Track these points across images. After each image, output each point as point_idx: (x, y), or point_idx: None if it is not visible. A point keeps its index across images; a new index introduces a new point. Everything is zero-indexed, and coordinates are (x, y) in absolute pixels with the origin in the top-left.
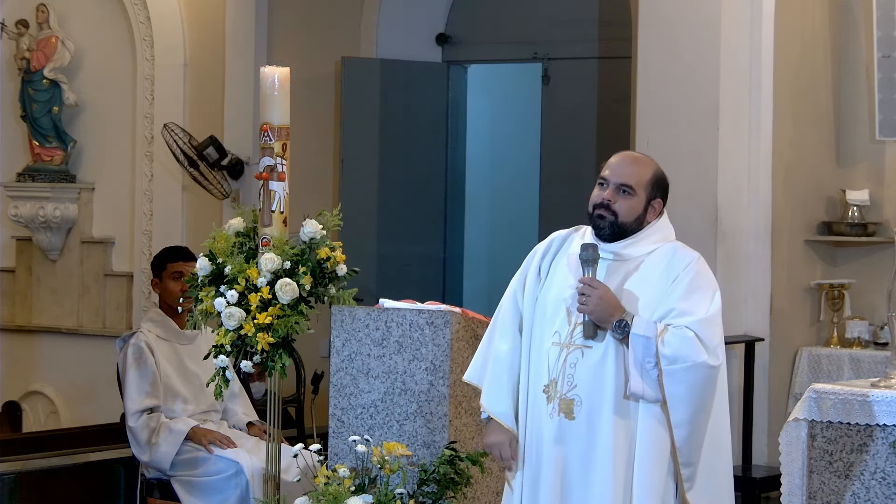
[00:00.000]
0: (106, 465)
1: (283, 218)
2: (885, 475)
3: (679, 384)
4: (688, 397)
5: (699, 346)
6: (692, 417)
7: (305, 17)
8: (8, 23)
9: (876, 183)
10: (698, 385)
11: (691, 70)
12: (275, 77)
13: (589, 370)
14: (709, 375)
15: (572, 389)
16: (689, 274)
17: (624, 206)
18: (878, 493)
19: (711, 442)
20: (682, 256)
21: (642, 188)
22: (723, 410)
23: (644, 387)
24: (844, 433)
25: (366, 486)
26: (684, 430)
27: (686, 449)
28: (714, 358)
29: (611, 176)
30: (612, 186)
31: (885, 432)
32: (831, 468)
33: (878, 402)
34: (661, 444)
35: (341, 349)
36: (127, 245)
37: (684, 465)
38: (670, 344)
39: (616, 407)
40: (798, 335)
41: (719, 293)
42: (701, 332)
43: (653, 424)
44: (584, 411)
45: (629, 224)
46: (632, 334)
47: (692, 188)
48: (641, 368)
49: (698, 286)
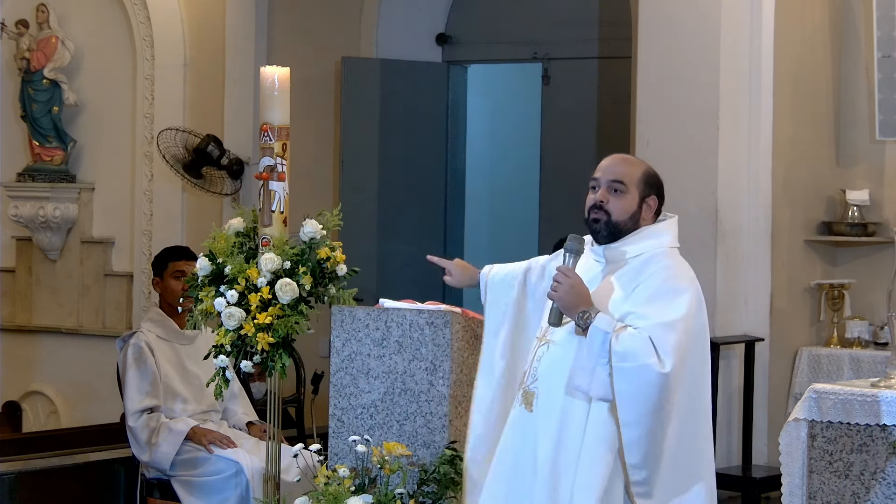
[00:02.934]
0: (106, 465)
1: (283, 218)
2: (885, 475)
3: (627, 382)
4: (635, 397)
5: (650, 348)
6: (640, 419)
7: (305, 17)
8: (8, 23)
9: (876, 183)
10: (646, 387)
11: (691, 70)
12: (275, 77)
13: (549, 364)
14: (657, 381)
15: (534, 382)
16: (656, 279)
17: (617, 204)
18: (878, 493)
19: (683, 459)
20: (657, 261)
21: (634, 185)
22: (702, 432)
23: (591, 383)
24: (844, 433)
25: (366, 486)
26: (633, 431)
27: (636, 451)
28: (663, 364)
29: (602, 175)
30: (603, 185)
31: (885, 432)
32: (831, 468)
33: (878, 402)
34: (609, 442)
35: (341, 349)
36: (127, 245)
37: (633, 468)
38: (623, 341)
39: (569, 402)
40: (798, 335)
41: (689, 299)
42: (655, 336)
43: (602, 421)
44: (541, 404)
45: (624, 223)
46: (592, 326)
47: (692, 188)
48: (594, 364)
49: (664, 291)
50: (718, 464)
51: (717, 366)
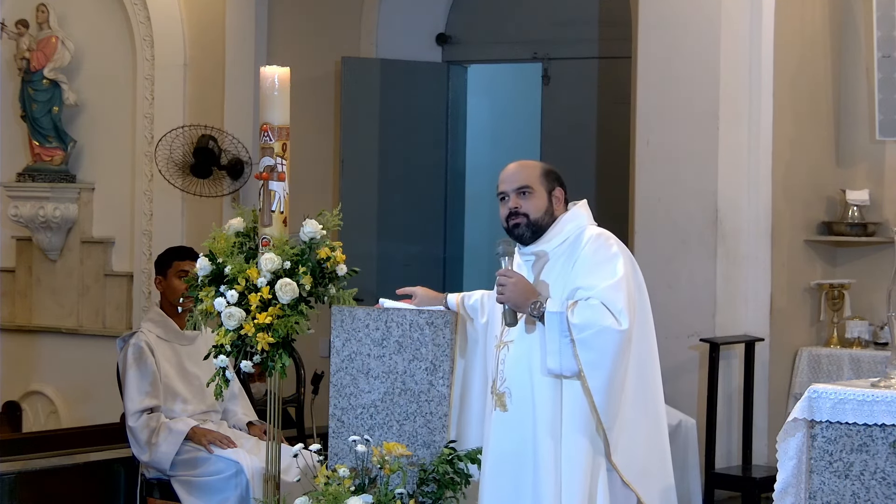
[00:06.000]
0: (106, 465)
1: (283, 218)
2: (885, 475)
3: (591, 350)
4: (601, 362)
5: (605, 311)
6: (608, 382)
7: (305, 17)
8: (8, 23)
9: (876, 183)
10: (609, 349)
11: (691, 70)
12: (275, 77)
13: (514, 362)
14: (617, 338)
15: (504, 383)
16: (587, 251)
17: (530, 205)
18: (878, 493)
19: (635, 401)
20: (583, 238)
21: (537, 183)
22: (653, 376)
23: (560, 361)
24: (844, 433)
25: (366, 486)
26: (603, 396)
27: (607, 414)
28: (620, 322)
29: (507, 187)
30: (512, 194)
31: (885, 432)
32: (831, 468)
33: (878, 402)
34: (586, 418)
35: (341, 349)
36: (127, 245)
37: (609, 430)
38: (578, 313)
39: (544, 391)
40: (798, 335)
41: (623, 260)
42: (605, 298)
43: (577, 399)
44: (514, 401)
45: (541, 219)
46: (546, 312)
47: (692, 188)
48: (559, 344)
49: (599, 260)
50: (718, 463)
51: (717, 366)
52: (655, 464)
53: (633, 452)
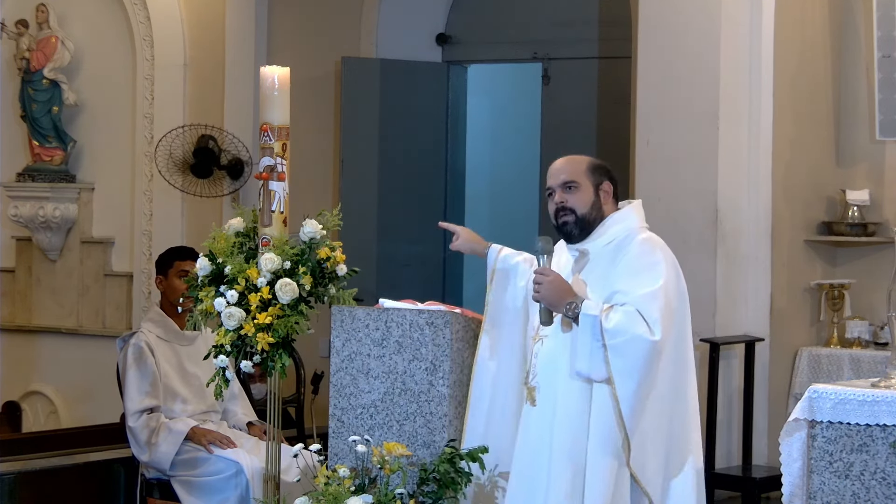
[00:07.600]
0: (106, 465)
1: (283, 218)
2: (885, 475)
3: (622, 357)
4: (631, 370)
5: (639, 319)
6: (637, 391)
7: (305, 17)
8: (8, 23)
9: (876, 183)
10: (640, 358)
11: (691, 70)
12: (275, 77)
13: (545, 358)
14: (649, 348)
15: (535, 378)
16: (631, 256)
17: (576, 199)
18: (878, 493)
19: (661, 411)
20: (629, 240)
21: (583, 178)
22: (685, 387)
23: (591, 365)
24: (844, 433)
25: (366, 486)
26: (629, 404)
27: (631, 420)
28: (653, 332)
29: (553, 182)
30: (558, 189)
31: (885, 432)
32: (831, 468)
33: (878, 402)
34: (612, 420)
35: (341, 349)
36: (127, 245)
37: (631, 436)
38: (612, 319)
39: (569, 389)
40: (798, 335)
41: (666, 268)
42: (640, 306)
43: (605, 403)
44: (543, 396)
45: (589, 214)
46: (581, 314)
47: (692, 188)
48: (590, 347)
49: (641, 266)
50: (718, 464)
51: (717, 366)
52: (672, 470)
53: (647, 459)
